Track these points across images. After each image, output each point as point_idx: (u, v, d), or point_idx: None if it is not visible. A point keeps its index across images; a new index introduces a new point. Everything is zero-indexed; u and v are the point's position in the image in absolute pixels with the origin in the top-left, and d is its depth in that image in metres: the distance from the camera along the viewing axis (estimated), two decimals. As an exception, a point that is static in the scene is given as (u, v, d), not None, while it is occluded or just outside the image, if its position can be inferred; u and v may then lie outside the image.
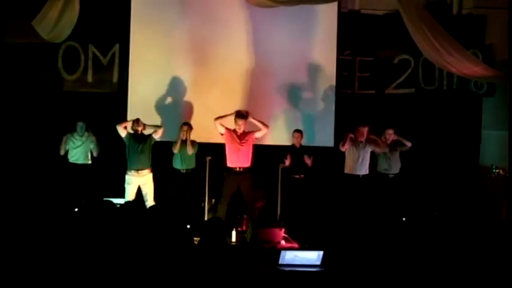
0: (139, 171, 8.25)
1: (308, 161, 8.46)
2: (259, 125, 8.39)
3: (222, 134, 8.35)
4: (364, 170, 8.47)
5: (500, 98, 9.00)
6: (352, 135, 8.45)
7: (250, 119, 8.38)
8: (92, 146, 8.57)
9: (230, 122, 8.42)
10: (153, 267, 4.34)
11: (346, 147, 8.46)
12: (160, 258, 4.41)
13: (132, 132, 8.31)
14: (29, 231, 4.69)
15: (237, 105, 9.05)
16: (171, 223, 4.86)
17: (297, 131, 8.68)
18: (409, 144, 8.63)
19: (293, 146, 8.63)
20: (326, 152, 9.07)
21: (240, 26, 9.24)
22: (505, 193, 7.95)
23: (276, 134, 9.15)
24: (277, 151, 8.68)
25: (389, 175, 8.60)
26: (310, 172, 8.55)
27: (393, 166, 8.59)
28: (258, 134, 8.41)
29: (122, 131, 8.28)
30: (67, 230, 4.62)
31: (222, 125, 8.32)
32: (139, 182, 8.27)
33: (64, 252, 4.39)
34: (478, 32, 9.54)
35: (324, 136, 9.31)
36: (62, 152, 8.51)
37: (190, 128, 8.42)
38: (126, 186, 8.23)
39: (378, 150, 8.54)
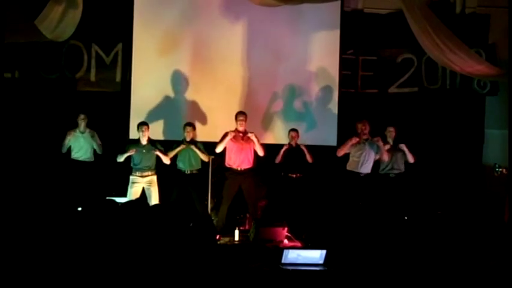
0: (144, 173, 8.24)
1: (309, 157, 8.45)
2: (259, 147, 8.28)
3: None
4: (366, 169, 8.43)
5: (504, 97, 8.97)
6: (355, 141, 8.38)
7: (253, 138, 8.24)
8: (94, 143, 8.55)
9: (230, 127, 8.40)
10: (156, 265, 4.35)
11: (344, 153, 8.42)
12: (163, 256, 4.42)
13: (134, 139, 8.31)
14: (31, 229, 4.70)
15: (239, 104, 9.08)
16: (174, 221, 4.86)
17: (293, 130, 8.66)
18: (412, 160, 8.49)
19: (289, 145, 8.61)
20: (329, 150, 9.07)
21: (243, 26, 9.24)
22: (508, 192, 7.94)
23: (279, 133, 9.16)
24: (279, 150, 8.67)
25: (391, 174, 8.56)
26: (307, 171, 8.55)
27: (395, 167, 8.56)
28: (256, 147, 8.30)
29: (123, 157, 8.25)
30: (70, 229, 4.63)
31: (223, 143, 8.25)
32: (144, 184, 8.26)
33: (67, 251, 4.40)
34: (481, 31, 9.52)
35: (326, 135, 9.31)
36: (64, 150, 8.45)
37: (193, 128, 8.43)
38: (130, 187, 8.22)
39: (379, 156, 8.47)
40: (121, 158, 8.19)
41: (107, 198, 5.59)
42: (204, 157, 8.35)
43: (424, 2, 8.24)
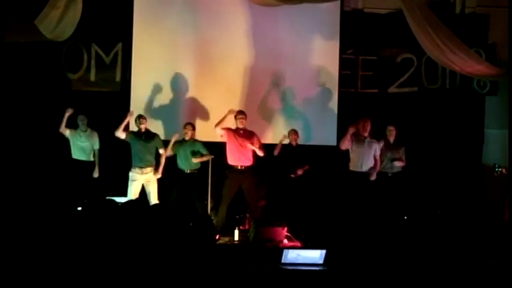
0: (143, 169, 8.21)
1: (300, 171, 8.47)
2: (259, 151, 8.27)
3: (221, 136, 8.32)
4: (369, 167, 8.42)
5: (503, 96, 8.99)
6: (354, 131, 8.32)
7: (251, 147, 8.22)
8: (95, 142, 8.56)
9: (229, 123, 8.40)
10: (156, 265, 4.35)
11: (346, 146, 8.39)
12: (163, 256, 4.42)
13: (134, 130, 8.31)
14: (32, 229, 4.70)
15: (239, 104, 9.07)
16: (174, 221, 4.86)
17: (293, 130, 8.68)
18: (402, 164, 8.51)
19: (290, 145, 8.61)
20: (328, 150, 9.07)
21: (242, 25, 9.24)
22: (508, 192, 7.93)
23: (279, 132, 9.15)
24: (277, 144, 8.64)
25: (389, 174, 8.55)
26: (307, 172, 8.55)
27: (394, 166, 8.54)
28: (257, 150, 8.30)
29: (121, 134, 8.18)
30: (70, 229, 4.63)
31: (222, 128, 8.27)
32: (143, 180, 8.24)
33: (67, 251, 4.40)
34: (481, 30, 9.53)
35: (326, 135, 9.31)
36: (62, 129, 8.34)
37: (193, 128, 8.43)
38: (130, 183, 8.19)
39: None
40: (119, 131, 8.11)
41: (107, 198, 5.59)
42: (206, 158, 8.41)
43: (424, 2, 8.25)
